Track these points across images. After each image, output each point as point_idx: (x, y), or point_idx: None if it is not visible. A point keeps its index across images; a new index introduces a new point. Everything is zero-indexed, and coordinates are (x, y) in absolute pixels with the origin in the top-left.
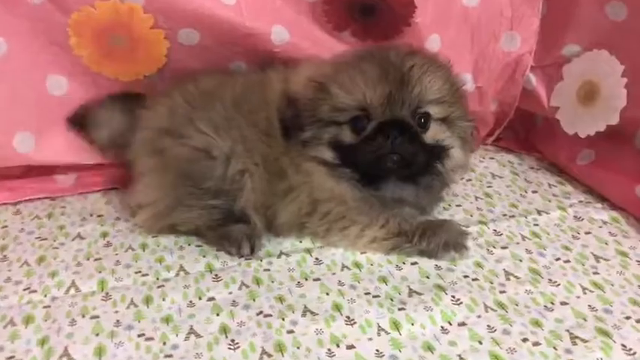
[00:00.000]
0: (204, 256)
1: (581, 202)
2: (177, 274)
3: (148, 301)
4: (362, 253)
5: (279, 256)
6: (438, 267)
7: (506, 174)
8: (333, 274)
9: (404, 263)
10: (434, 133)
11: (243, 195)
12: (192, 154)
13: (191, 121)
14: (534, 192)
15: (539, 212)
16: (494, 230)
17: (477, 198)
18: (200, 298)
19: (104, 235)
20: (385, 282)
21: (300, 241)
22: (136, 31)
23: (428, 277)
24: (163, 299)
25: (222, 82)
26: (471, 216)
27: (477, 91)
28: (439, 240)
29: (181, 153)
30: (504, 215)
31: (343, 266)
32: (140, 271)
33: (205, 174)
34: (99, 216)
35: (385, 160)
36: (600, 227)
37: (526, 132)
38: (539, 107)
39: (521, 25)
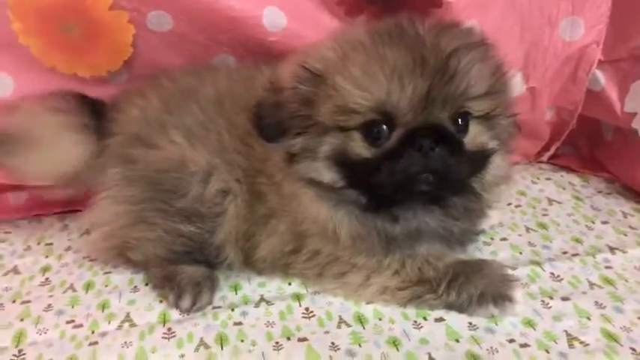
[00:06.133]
0: (160, 302)
1: None
2: (119, 327)
3: None
4: (369, 303)
5: (257, 305)
6: (472, 326)
7: (567, 199)
8: (326, 332)
9: (425, 319)
10: (474, 137)
11: (224, 223)
12: (165, 164)
13: (163, 129)
14: (604, 223)
15: (611, 250)
16: (552, 274)
17: (528, 229)
18: None
19: (45, 270)
20: (397, 346)
21: (289, 283)
22: (93, 12)
23: (457, 341)
24: None
25: (203, 78)
26: (520, 253)
27: (529, 93)
28: (473, 290)
29: (153, 162)
30: (564, 253)
31: (341, 321)
32: (73, 321)
33: (179, 190)
34: (47, 244)
35: (417, 181)
36: None
37: (591, 147)
38: (610, 114)
39: (586, 8)
